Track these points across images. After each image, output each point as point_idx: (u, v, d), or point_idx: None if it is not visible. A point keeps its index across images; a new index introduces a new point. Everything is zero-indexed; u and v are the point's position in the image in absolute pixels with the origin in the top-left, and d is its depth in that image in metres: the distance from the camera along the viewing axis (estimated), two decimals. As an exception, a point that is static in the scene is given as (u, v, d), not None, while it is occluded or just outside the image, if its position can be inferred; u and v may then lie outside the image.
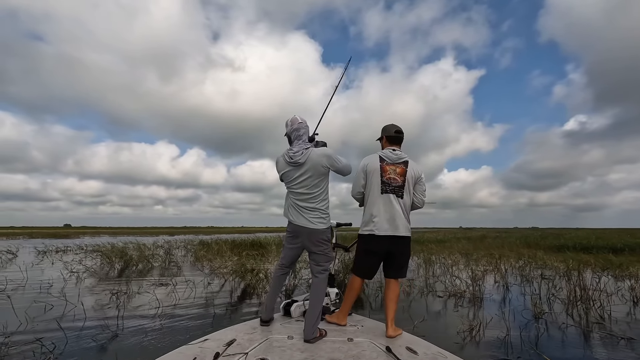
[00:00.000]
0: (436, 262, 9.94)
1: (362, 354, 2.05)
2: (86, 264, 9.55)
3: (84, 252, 13.79)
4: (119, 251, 10.87)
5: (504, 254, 10.82)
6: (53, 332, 3.56)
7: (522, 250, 12.97)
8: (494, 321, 4.05)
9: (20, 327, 3.78)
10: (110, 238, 30.22)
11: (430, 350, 2.17)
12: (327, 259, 2.55)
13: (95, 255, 11.49)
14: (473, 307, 4.90)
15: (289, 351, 2.07)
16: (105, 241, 20.42)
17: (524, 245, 15.63)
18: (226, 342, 2.12)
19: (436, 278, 7.15)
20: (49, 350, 3.02)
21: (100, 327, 3.80)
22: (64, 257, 12.34)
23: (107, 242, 17.65)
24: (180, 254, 13.18)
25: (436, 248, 14.45)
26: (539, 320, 4.17)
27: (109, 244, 14.28)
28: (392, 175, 2.56)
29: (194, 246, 15.71)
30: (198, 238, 24.10)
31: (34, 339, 3.30)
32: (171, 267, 9.44)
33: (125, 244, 13.68)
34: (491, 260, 9.50)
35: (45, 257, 12.31)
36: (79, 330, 3.70)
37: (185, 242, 19.27)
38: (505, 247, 14.13)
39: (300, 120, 2.55)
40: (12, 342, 3.27)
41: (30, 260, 10.95)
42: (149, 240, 18.77)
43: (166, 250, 12.16)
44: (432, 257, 10.60)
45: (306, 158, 2.44)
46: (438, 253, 12.19)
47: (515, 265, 8.82)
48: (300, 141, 2.50)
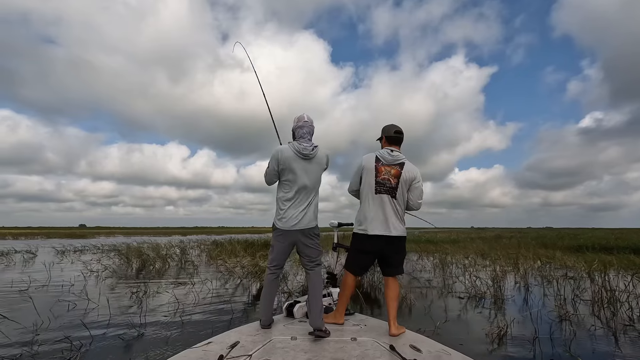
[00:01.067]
0: (452, 262, 9.80)
1: (366, 353, 2.04)
2: (105, 264, 9.72)
3: (101, 252, 14.04)
4: (136, 251, 11.03)
5: (521, 255, 10.60)
6: (79, 331, 3.62)
7: (539, 251, 12.70)
8: (520, 323, 3.96)
9: (47, 326, 3.85)
10: (124, 238, 30.75)
11: (434, 347, 2.15)
12: (319, 252, 2.62)
13: (113, 255, 11.69)
14: (495, 308, 4.80)
15: (292, 352, 2.06)
16: (120, 241, 20.78)
17: (540, 246, 15.30)
18: (230, 345, 2.12)
19: (454, 278, 7.05)
20: (77, 349, 3.07)
21: (125, 326, 3.84)
22: (82, 257, 12.59)
23: (122, 242, 17.97)
24: (195, 253, 13.30)
25: (451, 248, 14.27)
26: (565, 322, 4.06)
27: (124, 244, 14.53)
28: (386, 177, 2.58)
29: (207, 246, 15.86)
30: (210, 238, 24.33)
31: (61, 337, 3.36)
32: (187, 266, 9.53)
33: (140, 244, 13.89)
34: (509, 260, 9.32)
35: (64, 257, 12.58)
36: (104, 328, 3.75)
37: (198, 242, 19.47)
38: (522, 248, 13.85)
39: (307, 118, 2.62)
40: (41, 340, 3.34)
41: (50, 260, 11.19)
42: (162, 241, 19.01)
43: (181, 250, 12.28)
44: (447, 258, 10.46)
45: (315, 154, 2.55)
46: (453, 253, 12.03)
47: (534, 266, 8.64)
48: (305, 139, 2.57)
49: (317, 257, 2.61)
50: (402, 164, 2.60)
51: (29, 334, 3.52)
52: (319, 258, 2.62)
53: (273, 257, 2.60)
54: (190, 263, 10.10)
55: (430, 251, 13.77)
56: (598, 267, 7.12)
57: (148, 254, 10.17)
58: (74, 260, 11.59)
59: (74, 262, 10.82)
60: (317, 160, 2.56)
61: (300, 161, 2.52)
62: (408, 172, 2.59)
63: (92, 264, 9.79)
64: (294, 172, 2.51)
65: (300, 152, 2.50)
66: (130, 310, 4.56)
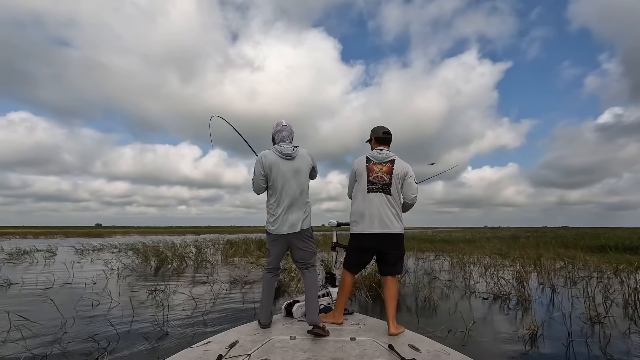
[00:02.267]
0: (472, 262, 9.61)
1: (365, 353, 2.03)
2: (124, 262, 9.87)
3: (119, 251, 14.28)
4: (154, 250, 11.17)
5: (542, 255, 10.33)
6: (104, 329, 3.65)
7: (559, 251, 12.39)
8: (551, 325, 3.83)
9: (73, 324, 3.89)
10: (140, 237, 31.27)
11: (433, 347, 2.15)
12: (312, 254, 2.63)
13: (131, 254, 11.87)
14: (521, 309, 4.66)
15: (291, 351, 2.06)
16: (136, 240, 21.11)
17: (560, 245, 14.92)
18: (229, 344, 2.12)
19: (475, 278, 6.90)
20: (103, 348, 3.08)
21: (149, 324, 3.86)
22: (101, 256, 12.83)
23: (138, 241, 18.24)
24: (210, 252, 13.40)
25: (467, 248, 14.05)
26: (597, 325, 3.91)
27: (140, 243, 14.74)
28: (379, 174, 2.62)
29: (221, 245, 15.98)
30: (223, 237, 24.54)
31: (88, 335, 3.39)
32: (204, 265, 9.60)
33: (155, 243, 14.08)
34: (529, 260, 9.10)
35: (84, 256, 12.83)
36: (128, 326, 3.77)
37: (212, 241, 19.65)
38: (542, 247, 13.53)
39: (285, 123, 2.69)
40: (69, 338, 3.38)
41: (70, 259, 11.43)
42: (176, 240, 19.24)
43: (198, 249, 12.39)
44: (466, 257, 10.28)
45: (297, 153, 2.59)
46: (470, 253, 11.82)
47: (556, 266, 8.40)
48: (285, 142, 2.62)
49: (311, 259, 2.62)
50: (393, 161, 2.65)
51: (56, 332, 3.56)
52: (313, 260, 2.63)
53: (269, 260, 2.64)
54: (207, 262, 10.18)
55: (447, 251, 13.58)
56: (626, 267, 6.88)
57: (166, 253, 10.28)
58: (93, 259, 11.81)
59: (93, 261, 11.02)
60: (300, 158, 2.59)
61: (285, 162, 2.55)
62: (399, 168, 2.63)
63: (112, 263, 9.96)
64: (280, 174, 2.53)
65: (282, 152, 2.54)
66: (152, 309, 4.59)
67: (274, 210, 2.55)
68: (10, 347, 3.13)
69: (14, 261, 10.92)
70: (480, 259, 10.16)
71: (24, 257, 11.98)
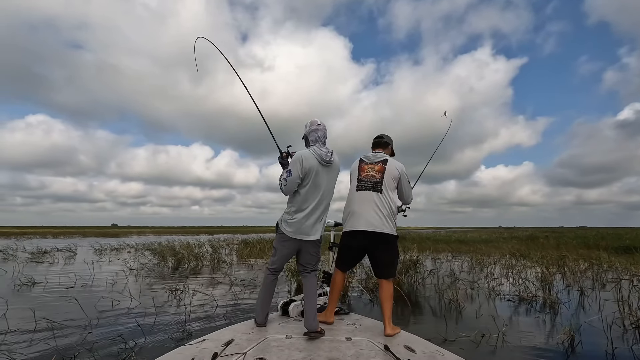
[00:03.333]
0: (491, 262, 9.38)
1: (361, 353, 2.04)
2: (142, 262, 9.97)
3: (135, 251, 14.48)
4: (170, 249, 11.26)
5: (564, 255, 10.00)
6: (129, 329, 3.65)
7: (581, 251, 11.98)
8: (587, 331, 3.65)
9: (97, 323, 3.91)
10: (155, 237, 31.74)
11: (429, 348, 2.15)
12: (318, 259, 2.63)
13: (149, 254, 12.01)
14: (551, 313, 4.47)
15: (287, 351, 2.06)
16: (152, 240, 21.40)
17: (582, 246, 14.45)
18: (224, 342, 2.12)
19: (498, 280, 6.70)
20: (131, 348, 3.06)
21: (173, 325, 3.85)
22: (119, 255, 13.02)
23: (153, 241, 18.47)
24: (225, 252, 13.46)
25: (485, 248, 13.74)
26: (637, 331, 3.71)
27: (157, 243, 14.92)
28: (370, 173, 2.63)
29: (235, 245, 16.05)
30: (236, 237, 24.67)
31: (115, 335, 3.38)
32: (221, 265, 9.62)
33: (171, 243, 14.22)
34: (550, 261, 8.81)
35: (102, 255, 13.05)
36: (151, 326, 3.76)
37: (225, 241, 19.76)
38: (562, 248, 13.12)
39: (320, 122, 2.60)
40: (95, 338, 3.38)
41: (90, 258, 11.63)
42: (191, 239, 19.42)
43: (214, 249, 12.45)
44: (485, 258, 10.04)
45: (333, 160, 2.54)
46: (488, 253, 11.55)
47: (580, 268, 8.11)
48: (321, 143, 2.56)
49: (316, 264, 2.62)
50: (386, 160, 2.66)
51: (82, 332, 3.57)
52: (317, 264, 2.64)
53: (274, 260, 2.58)
54: (223, 262, 10.20)
55: (464, 251, 13.31)
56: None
57: (182, 253, 10.35)
58: (111, 258, 12.00)
59: (111, 261, 11.18)
60: (334, 166, 2.56)
61: (322, 168, 2.49)
62: (392, 167, 2.64)
63: (130, 262, 10.08)
64: (315, 179, 2.45)
65: (322, 159, 2.47)
66: (174, 309, 4.59)
67: (295, 213, 2.47)
68: (39, 347, 3.15)
69: (36, 260, 11.17)
70: (500, 260, 9.91)
71: (45, 257, 12.24)
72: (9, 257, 11.79)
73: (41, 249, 13.91)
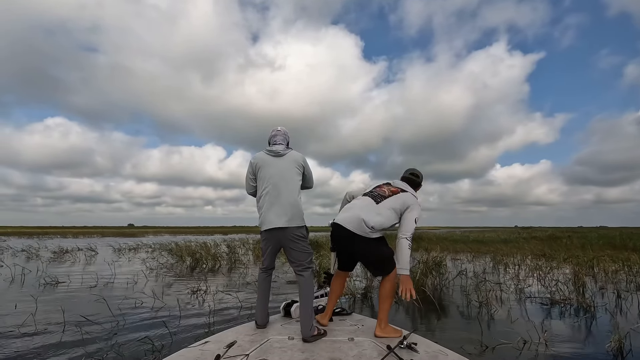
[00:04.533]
0: (515, 263, 9.09)
1: (363, 354, 2.02)
2: (160, 262, 10.05)
3: (153, 250, 14.65)
4: (188, 249, 11.33)
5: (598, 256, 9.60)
6: (155, 330, 3.61)
7: (607, 252, 11.51)
8: (634, 337, 3.43)
9: (123, 324, 3.89)
10: (171, 237, 32.19)
11: (431, 348, 2.13)
12: (307, 255, 2.52)
13: (166, 254, 12.12)
14: (588, 317, 4.24)
15: (289, 352, 2.06)
16: (168, 240, 21.65)
17: (607, 247, 13.92)
18: (227, 344, 2.12)
19: (526, 282, 6.46)
20: (158, 350, 3.02)
21: (197, 325, 3.80)
22: (138, 255, 13.19)
23: (169, 240, 18.69)
24: (241, 252, 13.48)
25: (505, 248, 13.38)
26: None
27: (173, 242, 15.06)
28: (384, 189, 2.59)
29: (251, 245, 16.07)
30: (250, 237, 24.77)
31: (140, 336, 3.35)
32: (238, 265, 9.61)
33: (187, 243, 14.33)
34: (579, 262, 8.47)
35: (121, 255, 13.25)
36: (176, 327, 3.72)
37: (240, 240, 19.83)
38: (588, 249, 12.65)
39: (280, 128, 2.75)
40: (121, 339, 3.35)
41: (109, 258, 11.81)
42: (205, 239, 19.56)
43: (231, 249, 12.47)
44: (507, 258, 9.75)
45: (287, 152, 2.61)
46: (510, 254, 11.22)
47: (610, 269, 7.77)
48: (277, 143, 2.66)
49: (305, 261, 2.49)
50: (406, 192, 2.58)
51: (108, 333, 3.55)
52: (308, 261, 2.51)
53: (263, 259, 2.64)
54: (240, 262, 10.19)
55: (483, 251, 13.00)
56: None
57: (200, 253, 10.39)
58: (130, 257, 12.16)
59: (130, 260, 11.33)
60: (289, 157, 2.60)
61: (273, 160, 2.58)
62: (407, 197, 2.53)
63: (148, 262, 10.17)
64: (267, 171, 2.55)
65: (272, 150, 2.60)
66: (197, 309, 4.55)
67: (260, 206, 2.55)
68: (67, 348, 3.13)
69: (58, 260, 11.40)
70: (523, 260, 9.61)
71: (67, 256, 12.50)
72: (32, 257, 12.08)
73: (62, 249, 14.22)
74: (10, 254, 13.08)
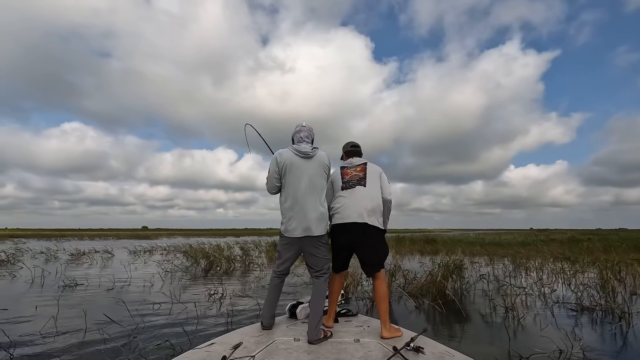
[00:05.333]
0: (536, 266, 8.80)
1: (369, 355, 2.03)
2: (176, 264, 10.09)
3: (167, 253, 14.76)
4: (202, 252, 11.37)
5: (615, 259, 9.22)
6: (173, 332, 3.57)
7: (632, 256, 11.05)
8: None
9: (142, 327, 3.86)
10: (184, 239, 32.51)
11: (438, 349, 2.13)
12: (326, 261, 2.51)
13: (181, 256, 12.18)
14: (623, 324, 4.01)
15: (295, 353, 2.07)
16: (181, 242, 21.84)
17: (633, 249, 13.40)
18: (233, 346, 2.12)
19: (551, 286, 6.22)
20: (178, 353, 2.95)
21: (216, 329, 3.74)
22: (153, 257, 13.30)
23: (183, 243, 18.83)
24: (255, 254, 13.46)
25: (525, 251, 13.01)
26: None
27: (187, 244, 15.14)
28: (353, 173, 2.66)
29: (264, 247, 16.04)
30: (262, 239, 24.78)
31: (160, 340, 3.30)
32: (253, 268, 9.57)
33: (200, 245, 14.39)
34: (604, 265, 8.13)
35: (137, 257, 13.38)
36: (194, 331, 3.67)
37: (252, 243, 19.85)
38: (612, 252, 12.19)
39: (305, 124, 2.63)
40: (142, 342, 3.30)
41: (125, 260, 11.93)
42: (218, 242, 19.64)
43: (244, 251, 12.46)
44: (528, 262, 9.45)
45: (315, 153, 2.51)
46: (529, 257, 10.88)
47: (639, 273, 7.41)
48: (304, 142, 2.57)
49: (324, 267, 2.50)
50: (365, 163, 2.72)
51: (129, 336, 3.52)
52: (326, 267, 2.51)
53: (280, 263, 2.56)
54: (254, 265, 10.16)
55: (501, 254, 12.66)
56: None
57: (215, 255, 10.40)
58: (146, 260, 12.26)
59: (146, 262, 11.42)
60: (317, 158, 2.52)
61: (302, 161, 2.47)
62: (373, 167, 2.71)
63: (164, 264, 10.23)
64: (295, 173, 2.45)
65: (300, 151, 2.48)
66: (215, 312, 4.50)
67: (287, 211, 2.46)
68: (88, 351, 3.10)
69: (76, 262, 11.57)
70: (544, 264, 9.30)
71: (84, 258, 12.69)
72: (51, 258, 12.30)
73: (80, 251, 14.46)
74: (30, 256, 13.35)
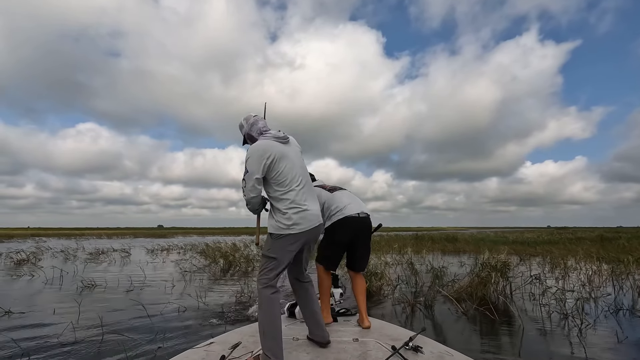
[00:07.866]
0: (576, 267, 8.23)
1: (368, 354, 2.03)
2: (194, 263, 9.89)
3: (184, 252, 14.64)
4: (219, 251, 11.16)
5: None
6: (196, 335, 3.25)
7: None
8: None
9: (167, 334, 3.56)
10: (199, 238, 32.65)
11: (437, 349, 2.13)
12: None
13: (197, 255, 12.01)
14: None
15: (294, 352, 2.06)
16: (197, 240, 21.82)
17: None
18: (232, 345, 2.12)
19: (601, 289, 5.70)
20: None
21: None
22: (170, 256, 13.19)
23: (199, 241, 18.76)
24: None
25: (556, 250, 12.36)
26: None
27: (203, 243, 15.01)
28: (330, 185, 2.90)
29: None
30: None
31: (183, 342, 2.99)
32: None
33: (216, 244, 14.22)
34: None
35: (155, 256, 13.29)
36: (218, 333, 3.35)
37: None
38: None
39: (254, 114, 2.33)
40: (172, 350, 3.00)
41: (144, 259, 11.83)
42: (234, 240, 19.49)
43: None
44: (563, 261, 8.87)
45: (288, 136, 2.22)
46: (560, 256, 10.26)
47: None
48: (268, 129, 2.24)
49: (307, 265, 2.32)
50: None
51: (152, 344, 3.22)
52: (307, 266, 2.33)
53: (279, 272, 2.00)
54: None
55: (530, 253, 12.06)
56: None
57: (233, 255, 10.16)
58: (164, 259, 12.14)
59: (164, 261, 11.28)
60: (293, 142, 2.25)
61: (285, 147, 2.13)
62: None
63: (182, 263, 10.04)
64: (285, 160, 2.05)
65: (280, 137, 2.13)
66: (234, 314, 4.20)
67: (290, 204, 2.01)
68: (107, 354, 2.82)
69: (94, 261, 11.51)
70: (583, 264, 8.71)
71: (103, 257, 12.65)
72: (70, 258, 12.30)
73: (98, 250, 14.48)
74: (49, 255, 13.41)
